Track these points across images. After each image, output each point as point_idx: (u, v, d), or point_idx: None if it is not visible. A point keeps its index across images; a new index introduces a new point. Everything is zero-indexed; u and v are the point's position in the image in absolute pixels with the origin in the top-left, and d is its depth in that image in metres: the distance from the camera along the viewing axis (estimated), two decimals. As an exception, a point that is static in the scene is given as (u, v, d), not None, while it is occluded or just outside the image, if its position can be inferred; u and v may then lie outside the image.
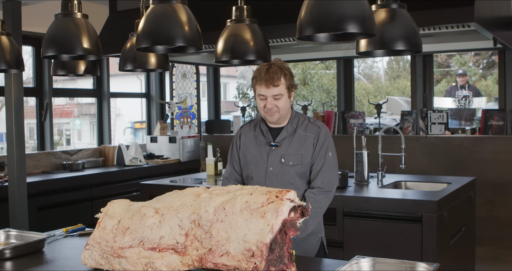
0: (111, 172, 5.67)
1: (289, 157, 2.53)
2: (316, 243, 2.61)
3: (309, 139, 2.56)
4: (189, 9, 2.09)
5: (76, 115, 10.78)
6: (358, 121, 6.40)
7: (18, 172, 4.05)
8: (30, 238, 2.40)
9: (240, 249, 1.75)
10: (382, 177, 4.04)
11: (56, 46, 2.21)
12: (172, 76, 7.24)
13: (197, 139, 6.78)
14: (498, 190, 5.49)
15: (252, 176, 2.61)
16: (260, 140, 2.62)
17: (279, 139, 2.57)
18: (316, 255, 2.60)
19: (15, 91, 4.04)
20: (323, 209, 2.53)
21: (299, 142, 2.56)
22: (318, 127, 2.58)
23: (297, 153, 2.53)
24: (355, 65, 7.61)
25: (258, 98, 2.52)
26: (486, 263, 4.99)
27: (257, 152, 2.60)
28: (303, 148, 2.55)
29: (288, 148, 2.55)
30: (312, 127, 2.58)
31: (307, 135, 2.56)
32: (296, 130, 2.58)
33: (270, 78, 2.45)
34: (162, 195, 2.09)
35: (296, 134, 2.57)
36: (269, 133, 2.60)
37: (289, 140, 2.57)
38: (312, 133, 2.57)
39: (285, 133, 2.57)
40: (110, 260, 1.96)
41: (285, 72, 2.49)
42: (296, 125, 2.59)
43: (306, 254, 2.52)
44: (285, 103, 2.52)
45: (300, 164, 2.53)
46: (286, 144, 2.56)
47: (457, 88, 7.05)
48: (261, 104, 2.52)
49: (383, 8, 2.08)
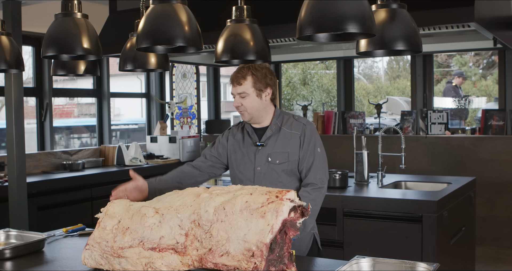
0: (111, 172, 5.67)
1: (276, 155, 2.55)
2: (309, 240, 2.61)
3: (294, 136, 2.57)
4: (189, 9, 2.09)
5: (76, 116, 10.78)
6: (358, 121, 6.40)
7: (18, 172, 4.05)
8: (30, 238, 2.40)
9: (240, 249, 1.75)
10: (382, 177, 4.04)
11: (56, 46, 2.21)
12: (172, 76, 7.24)
13: (197, 139, 6.78)
14: (498, 190, 5.49)
15: (240, 177, 2.63)
16: (247, 141, 2.64)
17: (264, 138, 2.59)
18: (309, 252, 2.60)
19: (15, 91, 4.04)
20: (319, 206, 2.55)
21: (284, 140, 2.57)
22: (303, 124, 2.60)
23: (283, 151, 2.55)
24: (355, 65, 7.61)
25: None
26: (486, 263, 4.99)
27: (245, 153, 2.63)
28: (289, 145, 2.56)
29: (274, 147, 2.57)
30: (297, 125, 2.60)
31: (293, 133, 2.58)
32: (281, 128, 2.60)
33: (235, 77, 2.55)
34: (162, 195, 2.09)
35: (281, 133, 2.59)
36: (255, 134, 2.63)
37: (274, 138, 2.58)
38: (298, 131, 2.58)
39: (269, 133, 2.60)
40: (110, 260, 1.96)
41: (253, 72, 2.54)
42: (280, 124, 2.61)
43: (299, 252, 2.50)
44: (252, 102, 2.55)
45: (286, 161, 2.55)
46: (272, 143, 2.58)
47: (457, 89, 7.06)
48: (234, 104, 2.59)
49: (383, 8, 2.08)
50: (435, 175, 5.08)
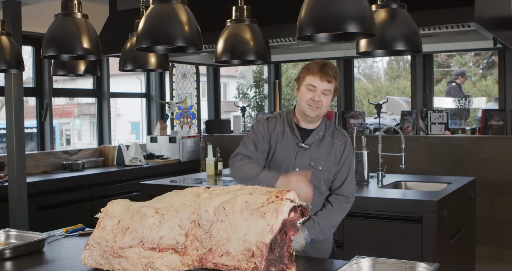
0: (111, 172, 5.67)
1: (319, 161, 2.49)
2: (330, 244, 2.63)
3: (336, 146, 2.52)
4: (189, 9, 2.09)
5: (76, 115, 10.79)
6: (358, 121, 6.40)
7: (18, 172, 4.05)
8: (30, 238, 2.40)
9: (240, 249, 1.75)
10: (382, 177, 4.04)
11: (56, 46, 2.22)
12: (172, 76, 7.24)
13: (197, 139, 6.78)
14: (498, 190, 5.49)
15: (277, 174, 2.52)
16: (288, 137, 2.53)
17: (308, 141, 2.50)
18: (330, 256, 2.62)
19: (15, 91, 4.04)
20: (344, 216, 2.54)
21: (327, 148, 2.51)
22: (344, 136, 2.56)
23: (327, 159, 2.49)
24: (355, 65, 7.61)
25: (306, 88, 2.43)
26: (486, 263, 4.99)
27: (285, 150, 2.51)
28: (331, 154, 2.51)
29: (317, 152, 2.50)
30: (339, 135, 2.55)
31: (334, 142, 2.53)
32: (325, 135, 2.53)
33: (326, 73, 2.41)
34: (162, 195, 2.09)
35: (324, 140, 2.53)
36: (299, 133, 2.52)
37: (317, 143, 2.51)
38: (339, 141, 2.53)
39: (315, 137, 2.51)
40: (110, 260, 1.96)
41: (338, 75, 2.47)
42: (324, 130, 2.54)
43: (321, 255, 2.53)
44: (329, 102, 2.47)
45: (328, 169, 2.50)
46: (314, 148, 2.50)
47: (459, 89, 7.06)
48: (308, 96, 2.42)
49: (383, 8, 2.08)
50: (435, 175, 5.08)
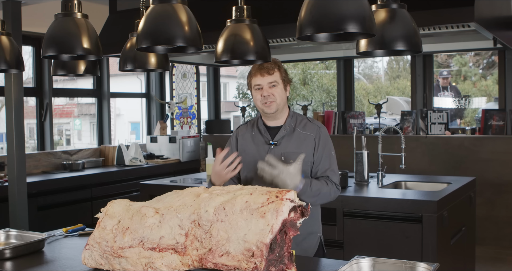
0: (111, 172, 5.67)
1: (290, 155, 2.52)
2: (316, 242, 2.62)
3: (309, 138, 2.55)
4: (189, 9, 2.09)
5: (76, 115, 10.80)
6: (358, 121, 6.40)
7: (18, 172, 4.05)
8: (30, 238, 2.40)
9: (240, 249, 1.75)
10: (382, 177, 4.04)
11: (56, 46, 2.21)
12: (172, 76, 7.24)
13: (197, 139, 6.78)
14: (498, 190, 5.49)
15: (252, 176, 2.60)
16: (258, 139, 2.60)
17: (277, 138, 2.56)
18: (315, 254, 2.61)
19: (15, 91, 4.04)
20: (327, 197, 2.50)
21: (298, 141, 2.55)
22: (318, 127, 2.58)
23: (298, 152, 2.52)
24: (355, 65, 7.61)
25: (254, 90, 2.54)
26: (486, 263, 4.99)
27: (256, 152, 2.58)
28: (303, 146, 2.54)
29: (288, 146, 2.54)
30: (311, 126, 2.58)
31: (307, 134, 2.56)
32: (295, 129, 2.57)
33: (263, 67, 2.51)
34: (162, 195, 2.09)
35: (295, 133, 2.56)
36: (267, 133, 2.59)
37: (288, 138, 2.56)
38: (312, 133, 2.56)
39: (283, 132, 2.57)
40: (110, 260, 1.96)
41: (279, 65, 2.55)
42: (294, 124, 2.59)
43: (306, 253, 2.52)
44: (281, 92, 2.53)
45: None
46: (285, 143, 2.55)
47: (439, 90, 7.05)
48: (258, 96, 2.53)
49: (383, 8, 2.08)
50: (435, 175, 5.08)
